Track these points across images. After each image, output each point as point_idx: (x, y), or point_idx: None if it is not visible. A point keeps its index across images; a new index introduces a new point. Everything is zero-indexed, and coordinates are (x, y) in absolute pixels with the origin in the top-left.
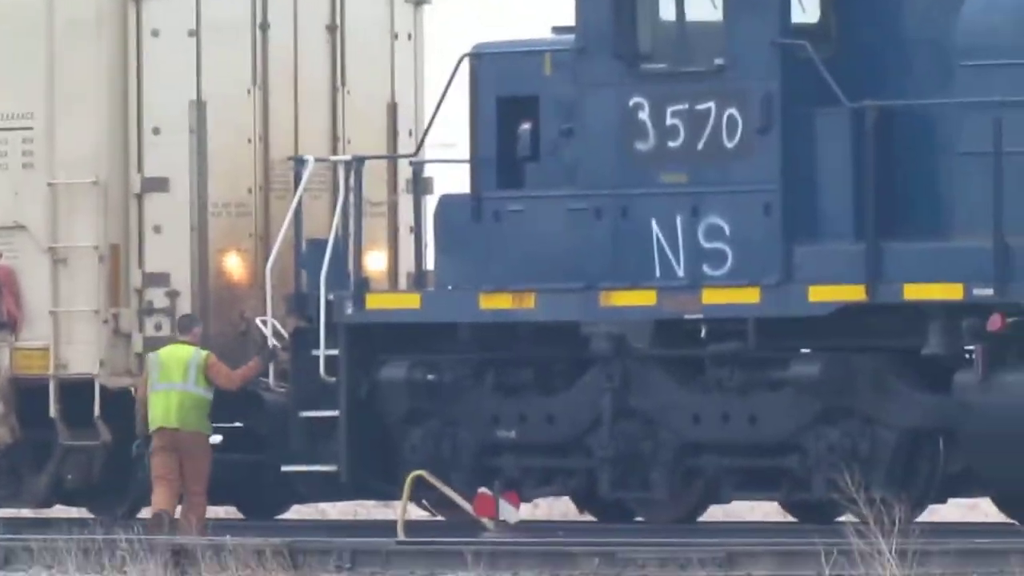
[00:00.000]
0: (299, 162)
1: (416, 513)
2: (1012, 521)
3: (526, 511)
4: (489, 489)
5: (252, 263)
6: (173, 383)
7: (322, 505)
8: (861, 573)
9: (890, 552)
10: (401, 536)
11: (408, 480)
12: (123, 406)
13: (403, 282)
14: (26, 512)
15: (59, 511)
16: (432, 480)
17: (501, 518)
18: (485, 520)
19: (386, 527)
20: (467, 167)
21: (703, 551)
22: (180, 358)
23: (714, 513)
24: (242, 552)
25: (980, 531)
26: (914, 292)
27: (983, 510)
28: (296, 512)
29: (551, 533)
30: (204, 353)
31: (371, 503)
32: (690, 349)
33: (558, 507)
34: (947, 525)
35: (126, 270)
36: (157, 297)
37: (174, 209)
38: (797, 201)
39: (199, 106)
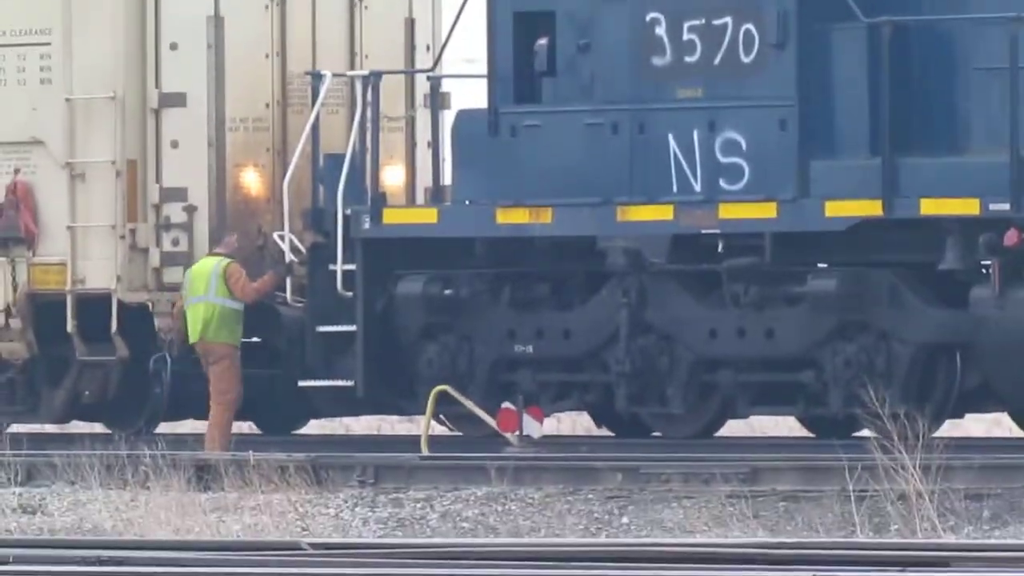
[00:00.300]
0: (316, 77)
1: (440, 428)
2: None
3: (549, 426)
4: (513, 404)
5: (269, 178)
6: (200, 296)
7: (346, 420)
8: (885, 488)
9: (914, 467)
10: (425, 451)
11: (432, 395)
12: (140, 321)
13: (420, 197)
14: (49, 428)
15: (81, 427)
16: (456, 395)
17: (525, 433)
18: (508, 435)
19: (409, 442)
20: (484, 82)
21: (727, 466)
22: (205, 270)
23: (738, 428)
24: (265, 467)
25: (1004, 446)
26: (930, 207)
27: (1007, 425)
28: (319, 427)
29: (574, 448)
30: (225, 262)
31: (395, 418)
32: (707, 264)
33: (581, 422)
34: (970, 440)
35: (143, 185)
36: (174, 212)
37: (191, 124)
38: (813, 116)
39: (217, 21)
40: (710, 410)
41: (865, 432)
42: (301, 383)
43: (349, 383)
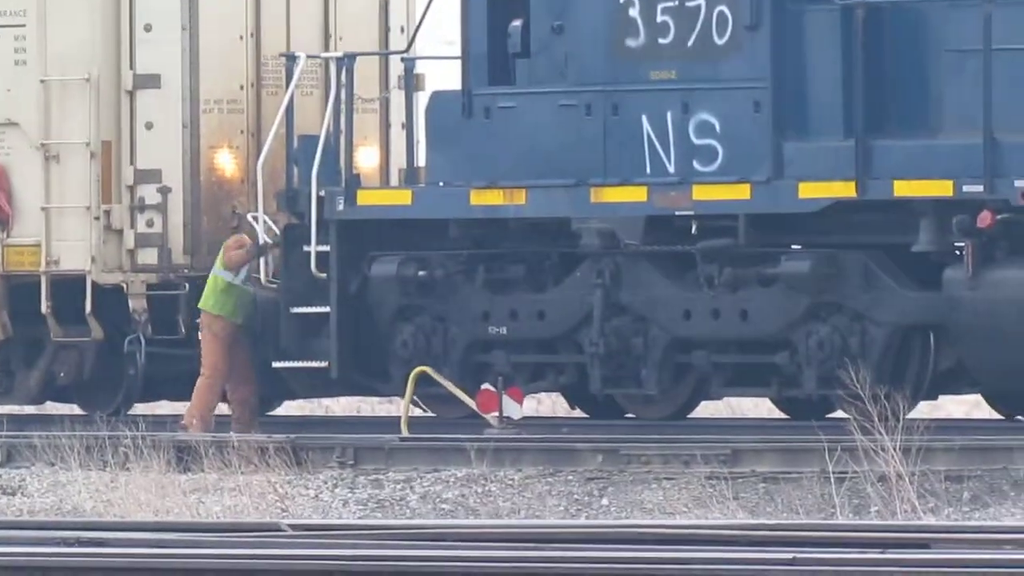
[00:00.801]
0: (290, 59)
1: (416, 410)
2: (1018, 417)
3: (529, 407)
4: (492, 385)
5: (244, 159)
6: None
7: (325, 401)
8: (865, 469)
9: (894, 449)
10: (404, 432)
11: (412, 376)
12: (114, 303)
13: (395, 178)
14: (29, 409)
15: (58, 408)
16: (436, 376)
17: (505, 414)
18: (488, 416)
19: (389, 423)
20: (459, 64)
21: (707, 448)
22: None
23: (718, 410)
24: (245, 449)
25: (984, 428)
26: (904, 189)
27: (986, 407)
28: (299, 408)
29: (555, 429)
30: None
31: (374, 399)
32: (681, 245)
33: (561, 403)
34: (950, 422)
35: (118, 166)
36: (149, 193)
37: (166, 106)
38: (787, 98)
39: (191, 3)
40: (684, 391)
41: (839, 414)
42: (275, 364)
43: (323, 364)
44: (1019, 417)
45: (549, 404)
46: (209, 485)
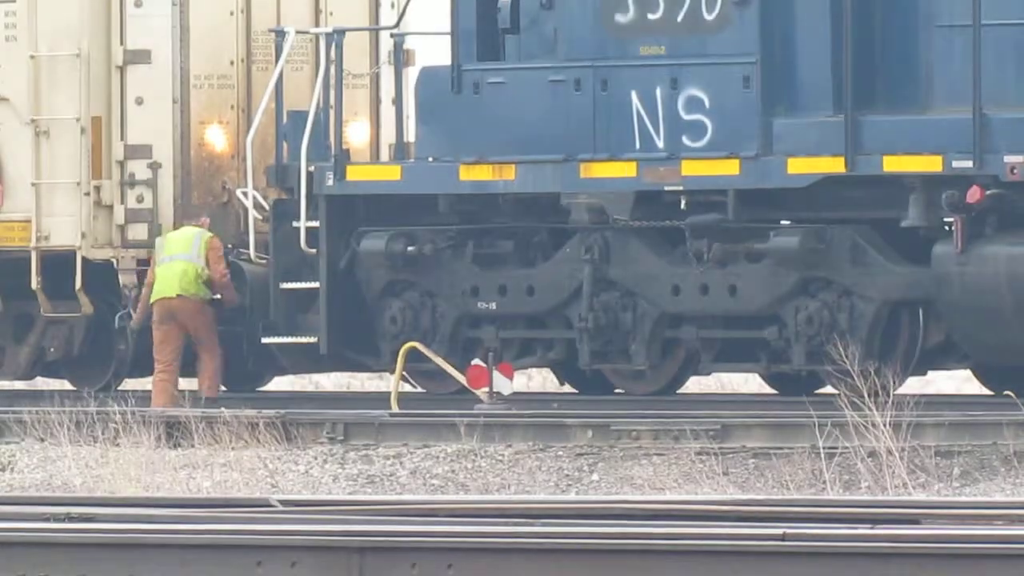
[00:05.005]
0: (279, 34)
1: (405, 385)
2: (1006, 393)
3: (519, 383)
4: (482, 360)
5: (234, 135)
6: (176, 255)
7: (315, 377)
8: (855, 445)
9: (884, 424)
10: (394, 408)
11: (402, 352)
12: (104, 278)
13: (384, 154)
14: (19, 384)
15: (48, 384)
16: (426, 351)
17: (494, 390)
18: (479, 392)
19: (379, 399)
20: (448, 39)
21: (697, 423)
22: (186, 235)
23: (708, 385)
24: (235, 424)
25: (974, 403)
26: (893, 164)
27: (976, 382)
28: (289, 384)
29: (545, 405)
30: (209, 234)
31: (364, 375)
32: (670, 220)
33: (552, 379)
34: (941, 397)
35: (108, 142)
36: (139, 169)
37: (156, 81)
38: (776, 73)
39: None
40: (673, 366)
41: (828, 389)
42: (264, 340)
43: (313, 340)
44: (1007, 392)
45: (539, 380)
46: (199, 460)
